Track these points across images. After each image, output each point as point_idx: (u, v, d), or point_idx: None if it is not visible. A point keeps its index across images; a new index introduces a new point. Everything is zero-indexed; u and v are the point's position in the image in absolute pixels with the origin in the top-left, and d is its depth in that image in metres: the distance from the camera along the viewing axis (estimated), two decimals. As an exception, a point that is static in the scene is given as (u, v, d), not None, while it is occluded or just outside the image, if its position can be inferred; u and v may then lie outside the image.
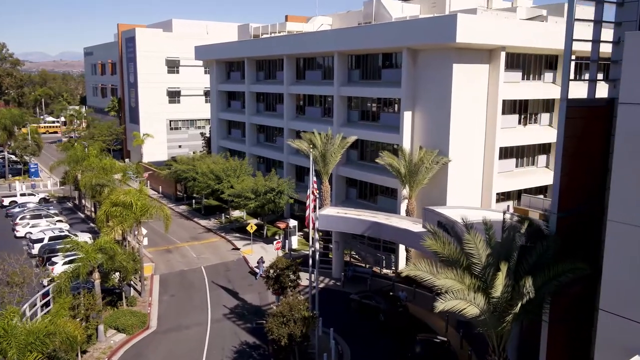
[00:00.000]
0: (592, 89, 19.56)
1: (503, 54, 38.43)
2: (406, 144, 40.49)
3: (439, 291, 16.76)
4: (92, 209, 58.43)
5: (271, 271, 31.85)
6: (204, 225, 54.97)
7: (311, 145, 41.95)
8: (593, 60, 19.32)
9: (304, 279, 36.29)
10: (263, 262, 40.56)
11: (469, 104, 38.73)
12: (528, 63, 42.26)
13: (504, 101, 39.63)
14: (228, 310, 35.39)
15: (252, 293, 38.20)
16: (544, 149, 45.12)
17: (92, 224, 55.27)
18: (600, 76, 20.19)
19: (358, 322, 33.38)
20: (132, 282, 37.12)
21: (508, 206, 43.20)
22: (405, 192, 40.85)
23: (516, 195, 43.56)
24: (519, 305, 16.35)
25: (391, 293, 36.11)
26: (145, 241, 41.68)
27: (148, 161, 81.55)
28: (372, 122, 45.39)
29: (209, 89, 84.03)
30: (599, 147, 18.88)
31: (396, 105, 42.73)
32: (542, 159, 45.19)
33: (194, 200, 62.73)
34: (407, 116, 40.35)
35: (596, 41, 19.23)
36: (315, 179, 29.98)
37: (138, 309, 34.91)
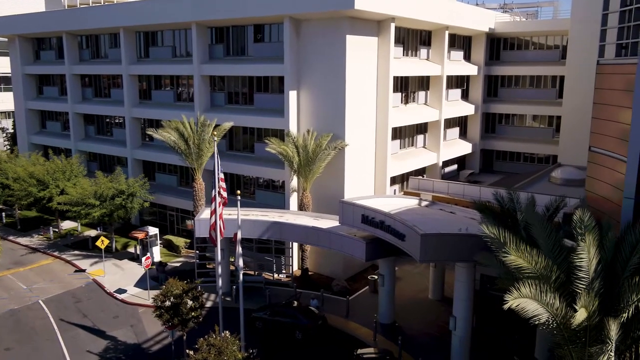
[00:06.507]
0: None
1: (393, 26, 35.27)
2: (293, 128, 35.21)
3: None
4: None
5: (164, 299, 24.26)
6: (26, 245, 42.93)
7: (181, 135, 34.29)
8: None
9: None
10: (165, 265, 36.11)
11: (362, 80, 34.86)
12: (407, 38, 39.95)
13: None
14: (97, 358, 26.62)
15: (123, 327, 29.63)
16: (422, 128, 43.59)
17: None
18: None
19: (273, 345, 27.47)
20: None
21: (395, 190, 40.81)
22: (294, 183, 35.71)
23: (400, 179, 41.24)
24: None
25: (295, 303, 30.69)
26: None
27: None
28: (244, 105, 39.03)
29: (4, 74, 68.38)
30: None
31: (274, 85, 37.10)
32: (420, 139, 43.61)
33: (3, 214, 49.34)
34: (292, 96, 34.96)
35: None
36: (222, 175, 23.16)
37: (-41, 379, 24.38)
